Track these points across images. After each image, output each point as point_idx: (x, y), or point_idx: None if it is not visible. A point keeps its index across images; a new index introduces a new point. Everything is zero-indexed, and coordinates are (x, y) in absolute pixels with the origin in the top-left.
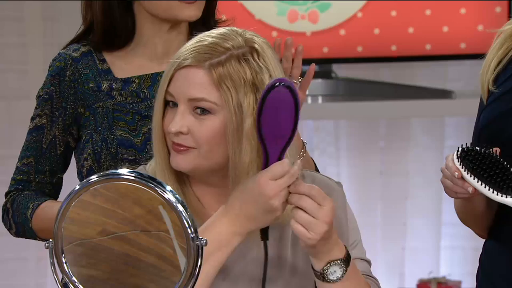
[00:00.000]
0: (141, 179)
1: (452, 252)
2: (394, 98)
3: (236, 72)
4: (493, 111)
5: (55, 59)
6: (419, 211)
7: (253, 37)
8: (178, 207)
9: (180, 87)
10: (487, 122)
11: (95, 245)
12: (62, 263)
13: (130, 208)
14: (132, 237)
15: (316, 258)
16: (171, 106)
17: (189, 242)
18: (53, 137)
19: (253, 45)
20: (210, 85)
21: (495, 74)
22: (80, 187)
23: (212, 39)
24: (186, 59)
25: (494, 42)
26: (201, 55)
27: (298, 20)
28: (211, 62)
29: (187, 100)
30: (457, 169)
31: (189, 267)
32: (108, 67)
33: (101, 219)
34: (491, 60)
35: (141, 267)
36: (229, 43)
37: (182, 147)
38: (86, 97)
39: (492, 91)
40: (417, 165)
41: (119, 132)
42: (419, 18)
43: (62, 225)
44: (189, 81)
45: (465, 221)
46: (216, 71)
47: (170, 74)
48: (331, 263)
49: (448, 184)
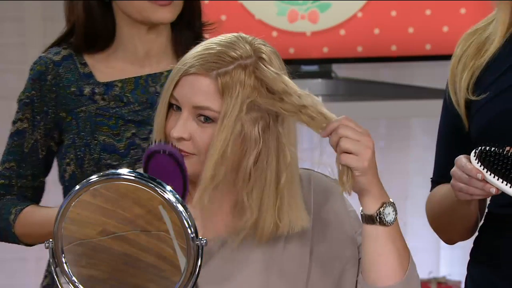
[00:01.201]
0: (141, 179)
1: (452, 252)
2: (394, 98)
3: (242, 83)
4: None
5: (36, 63)
6: (419, 211)
7: (261, 46)
8: (178, 207)
9: (186, 93)
10: (486, 125)
11: (95, 245)
12: (62, 263)
13: (130, 208)
14: (132, 237)
15: (371, 198)
16: (175, 110)
17: (189, 242)
18: (34, 141)
19: (261, 55)
20: (215, 94)
21: (475, 79)
22: (80, 187)
23: (221, 48)
24: (193, 66)
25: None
26: (209, 64)
27: (298, 20)
28: (219, 72)
29: (192, 107)
30: (478, 171)
31: (189, 267)
32: (89, 70)
33: (101, 219)
34: (462, 70)
35: (141, 267)
36: (237, 52)
37: (182, 153)
38: (68, 101)
39: (472, 99)
40: (417, 165)
41: (102, 137)
42: (419, 18)
43: (62, 225)
44: (195, 88)
45: (444, 225)
46: (222, 81)
47: (176, 79)
48: (386, 204)
49: (461, 187)
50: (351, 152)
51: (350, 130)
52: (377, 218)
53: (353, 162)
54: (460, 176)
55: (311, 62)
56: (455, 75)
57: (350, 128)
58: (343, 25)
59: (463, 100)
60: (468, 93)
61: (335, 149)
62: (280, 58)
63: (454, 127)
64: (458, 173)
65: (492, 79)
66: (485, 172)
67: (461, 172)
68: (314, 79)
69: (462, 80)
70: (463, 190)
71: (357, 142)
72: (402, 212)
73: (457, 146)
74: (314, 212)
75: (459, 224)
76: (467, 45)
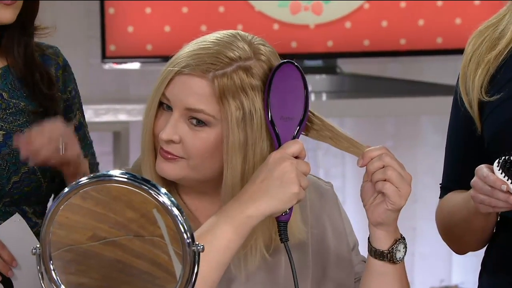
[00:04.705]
0: (134, 181)
1: (465, 259)
2: (402, 95)
3: (240, 86)
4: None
5: None
6: (429, 214)
7: (259, 46)
8: (173, 211)
9: (179, 93)
10: (500, 128)
11: (85, 251)
12: (50, 270)
13: (123, 212)
14: (125, 242)
15: (387, 234)
16: (165, 109)
17: (185, 248)
18: None
19: (260, 57)
20: (211, 97)
21: (489, 77)
22: (69, 189)
23: (218, 47)
24: (188, 65)
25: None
26: (205, 64)
27: (301, 12)
28: (216, 73)
29: (184, 109)
30: (502, 182)
31: (185, 274)
32: None
33: (91, 224)
34: (475, 68)
35: (134, 274)
36: (235, 52)
37: (170, 155)
38: None
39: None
40: (427, 165)
41: None
42: (430, 10)
43: (50, 230)
44: (189, 89)
45: (457, 237)
46: (220, 83)
47: (169, 77)
48: (398, 241)
49: (483, 199)
50: (394, 184)
51: (395, 161)
52: (387, 256)
53: (395, 195)
54: (482, 188)
55: (314, 57)
56: (467, 74)
57: (395, 159)
58: (348, 17)
59: (476, 101)
60: (482, 93)
61: (370, 176)
62: (279, 59)
63: (465, 130)
64: (480, 184)
65: (507, 78)
66: (509, 183)
67: (483, 183)
68: (318, 74)
69: (475, 79)
70: (484, 202)
71: (401, 176)
72: (411, 215)
73: (469, 150)
74: (310, 221)
75: (473, 236)
76: (479, 42)
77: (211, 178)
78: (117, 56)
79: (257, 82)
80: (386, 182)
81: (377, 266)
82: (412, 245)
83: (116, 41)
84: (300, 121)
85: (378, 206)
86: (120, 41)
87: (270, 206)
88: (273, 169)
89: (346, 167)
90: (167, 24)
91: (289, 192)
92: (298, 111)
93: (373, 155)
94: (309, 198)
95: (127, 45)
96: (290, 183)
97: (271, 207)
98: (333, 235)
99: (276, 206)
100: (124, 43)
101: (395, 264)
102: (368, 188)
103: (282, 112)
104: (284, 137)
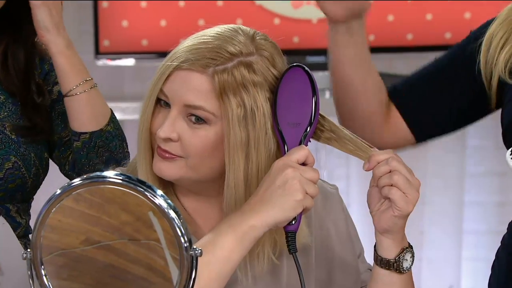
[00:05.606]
0: (129, 183)
1: (474, 264)
2: None
3: (241, 82)
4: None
5: None
6: (438, 218)
7: (262, 41)
8: (170, 214)
9: (177, 89)
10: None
11: (78, 256)
12: (41, 275)
13: (117, 215)
14: (119, 246)
15: (394, 242)
16: (163, 106)
17: (182, 252)
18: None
19: (263, 53)
20: (210, 93)
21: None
22: (61, 191)
23: (219, 42)
24: (188, 60)
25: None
26: (205, 59)
27: (303, 6)
28: (216, 69)
29: (183, 105)
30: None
31: (182, 280)
32: None
33: (84, 227)
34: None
35: (129, 280)
36: (236, 47)
37: (168, 154)
38: None
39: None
40: (435, 167)
41: None
42: (438, 4)
43: (41, 234)
44: (188, 85)
45: None
46: (220, 79)
47: (167, 72)
48: (405, 250)
49: None
50: (400, 190)
51: (402, 166)
52: (394, 265)
53: (401, 201)
54: None
55: (317, 53)
56: (493, 38)
57: (402, 164)
58: None
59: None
60: (505, 73)
61: (377, 181)
62: (281, 55)
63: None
64: None
65: None
66: None
67: None
68: (320, 71)
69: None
70: None
71: (408, 181)
72: (419, 219)
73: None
74: (314, 224)
75: None
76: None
77: (210, 179)
78: (111, 52)
79: (259, 79)
80: (393, 187)
81: (383, 276)
82: (419, 250)
83: (110, 36)
84: (307, 127)
85: (385, 213)
86: (114, 36)
87: (273, 215)
88: (275, 177)
89: (351, 168)
90: (163, 18)
91: (292, 200)
92: (305, 117)
93: (380, 159)
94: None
95: (121, 40)
96: (293, 191)
97: (274, 216)
98: (338, 239)
99: (280, 215)
100: (118, 38)
101: (401, 274)
102: (374, 193)
103: (289, 118)
104: (291, 144)
